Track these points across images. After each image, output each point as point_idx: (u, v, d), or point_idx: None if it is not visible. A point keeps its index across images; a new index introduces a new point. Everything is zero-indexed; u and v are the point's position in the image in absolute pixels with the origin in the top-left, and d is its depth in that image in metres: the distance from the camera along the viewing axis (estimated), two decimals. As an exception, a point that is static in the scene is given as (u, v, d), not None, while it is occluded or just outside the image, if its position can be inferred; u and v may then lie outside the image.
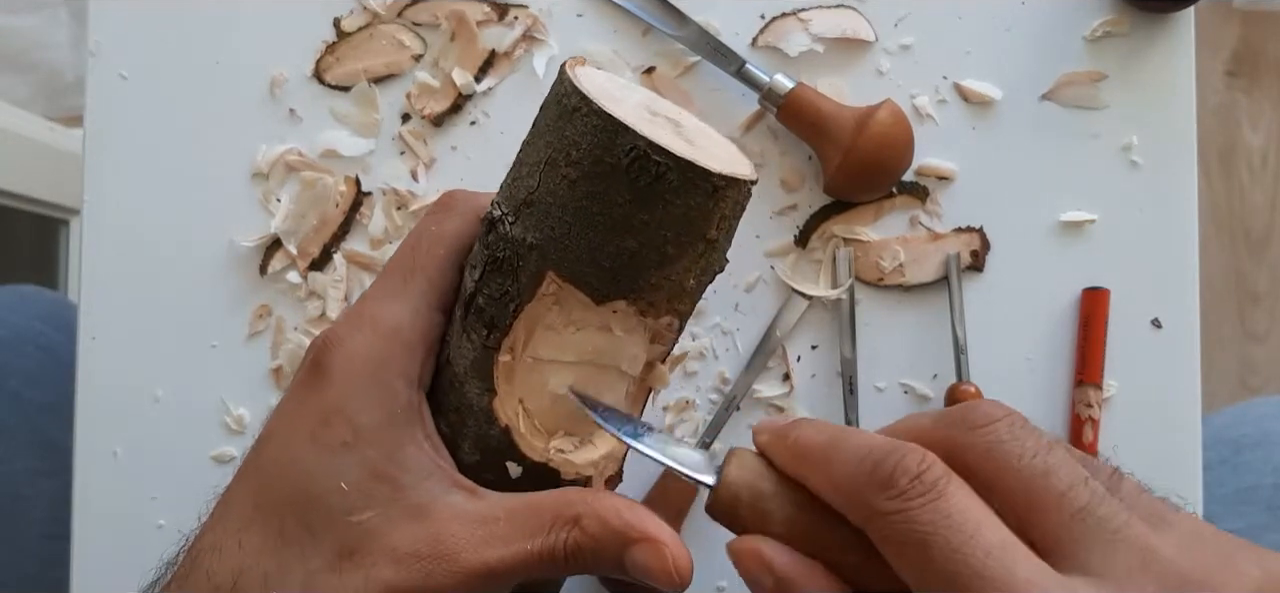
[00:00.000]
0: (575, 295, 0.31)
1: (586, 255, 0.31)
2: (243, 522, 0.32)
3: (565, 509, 0.31)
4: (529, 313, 0.32)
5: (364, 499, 0.31)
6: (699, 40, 0.53)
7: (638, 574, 0.30)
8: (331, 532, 0.31)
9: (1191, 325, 0.53)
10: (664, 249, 0.31)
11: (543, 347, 0.32)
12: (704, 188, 0.30)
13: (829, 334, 0.53)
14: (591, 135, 0.29)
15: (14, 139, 1.05)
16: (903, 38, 0.54)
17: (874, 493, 0.26)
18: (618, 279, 0.31)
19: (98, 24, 0.55)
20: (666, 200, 0.30)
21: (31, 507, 0.64)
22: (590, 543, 0.30)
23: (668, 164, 0.29)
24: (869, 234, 0.53)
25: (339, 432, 0.31)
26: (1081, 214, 0.53)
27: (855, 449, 0.28)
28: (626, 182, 0.29)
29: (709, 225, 0.31)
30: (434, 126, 0.54)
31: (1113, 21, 0.53)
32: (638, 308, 0.32)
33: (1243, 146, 1.35)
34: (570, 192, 0.30)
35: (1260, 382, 1.32)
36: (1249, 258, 1.34)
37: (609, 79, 0.32)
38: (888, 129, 0.50)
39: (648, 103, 0.32)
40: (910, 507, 0.26)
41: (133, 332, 0.54)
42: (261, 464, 0.33)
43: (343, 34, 0.55)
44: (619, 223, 0.30)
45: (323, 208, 0.54)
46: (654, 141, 0.29)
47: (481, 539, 0.31)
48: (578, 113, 0.30)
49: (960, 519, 0.25)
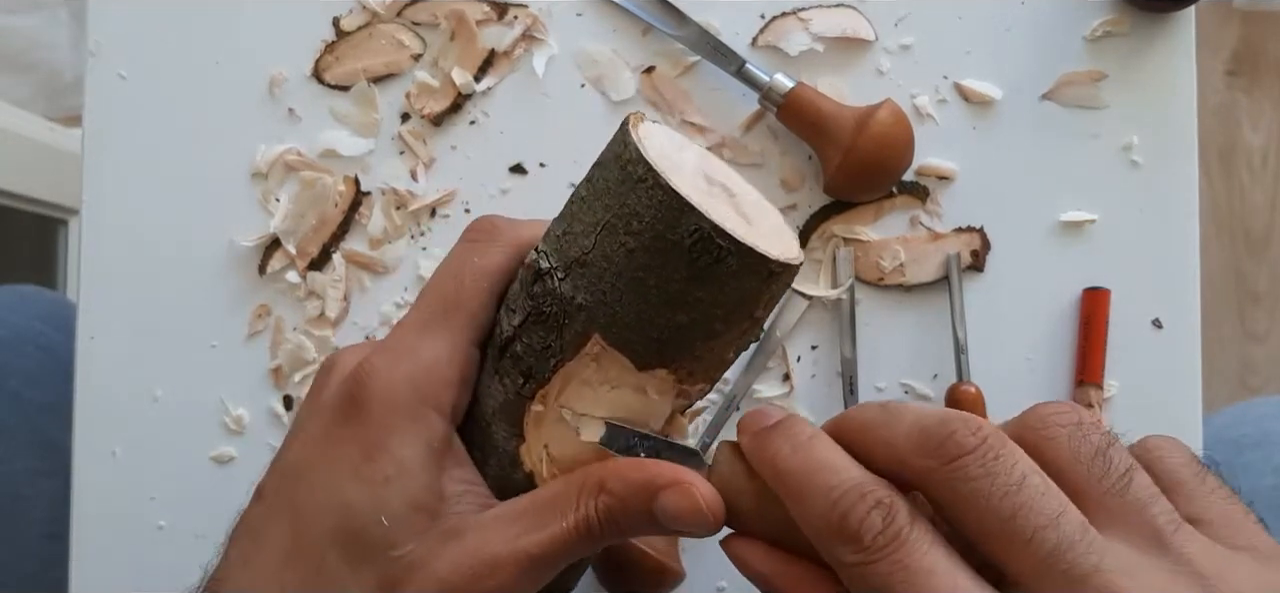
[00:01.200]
0: (618, 359, 0.31)
1: (635, 323, 0.31)
2: (281, 560, 0.32)
3: (589, 480, 0.32)
4: (567, 370, 0.32)
5: (405, 533, 0.31)
6: (699, 40, 0.53)
7: (669, 522, 0.31)
8: (373, 566, 0.31)
9: (1192, 325, 0.53)
10: (713, 325, 0.31)
11: (576, 400, 0.32)
12: (760, 272, 0.30)
13: (829, 334, 0.53)
14: (655, 209, 0.29)
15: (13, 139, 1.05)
16: (903, 37, 0.54)
17: (839, 545, 0.27)
18: (663, 349, 0.31)
19: (97, 24, 0.55)
20: (723, 282, 0.30)
21: (31, 507, 0.64)
22: (619, 504, 0.31)
23: (730, 249, 0.29)
24: (869, 234, 0.53)
25: (382, 467, 0.31)
26: (1082, 214, 0.53)
27: (824, 491, 0.28)
28: (687, 260, 0.29)
29: (758, 305, 0.31)
30: (433, 126, 0.54)
31: (1113, 21, 0.53)
32: (677, 376, 0.32)
33: (1243, 146, 1.35)
34: (627, 260, 0.30)
35: (1260, 382, 1.32)
36: (1249, 258, 1.34)
37: (666, 135, 0.32)
38: (888, 129, 0.50)
39: (703, 166, 0.32)
40: (871, 561, 0.26)
41: (132, 332, 0.54)
42: (299, 501, 0.32)
43: (342, 33, 0.55)
44: (673, 298, 0.30)
45: (322, 207, 0.54)
46: (718, 225, 0.29)
47: (516, 534, 0.31)
48: (643, 183, 0.29)
49: (914, 569, 0.26)
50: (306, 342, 0.54)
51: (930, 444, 0.27)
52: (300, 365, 0.54)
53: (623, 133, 0.31)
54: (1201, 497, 0.28)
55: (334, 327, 0.54)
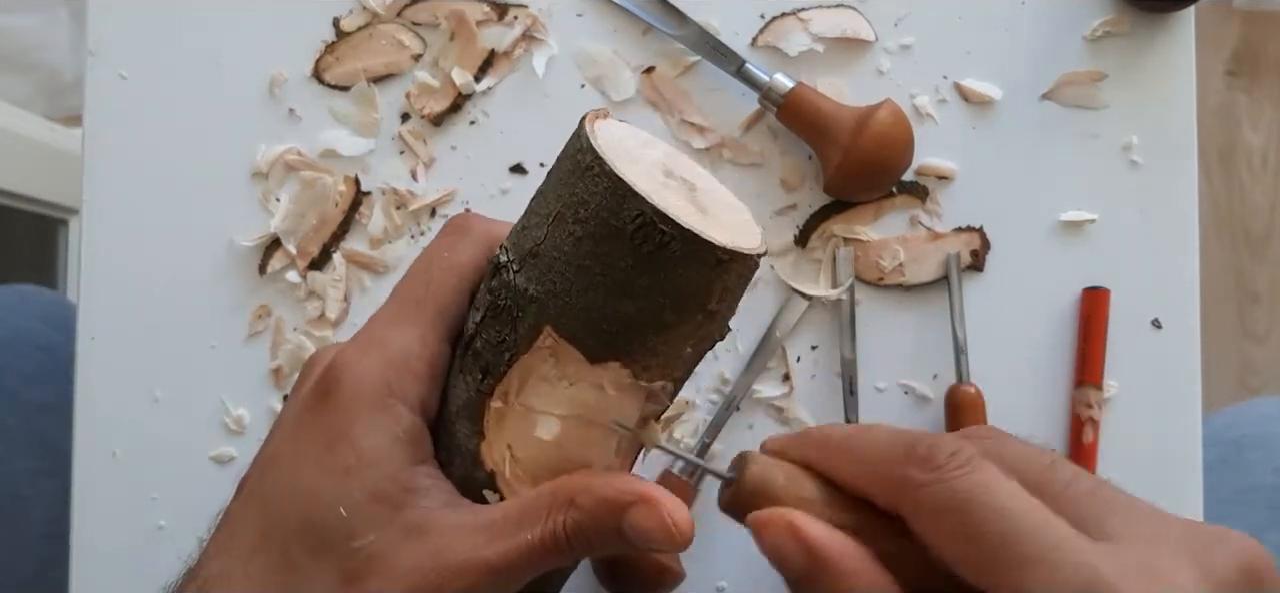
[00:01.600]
0: (570, 352, 0.31)
1: (584, 314, 0.30)
2: (250, 549, 0.32)
3: (560, 494, 0.31)
4: (524, 363, 0.32)
5: (365, 524, 0.30)
6: (699, 40, 0.53)
7: (638, 539, 0.30)
8: (334, 557, 0.30)
9: (1192, 325, 0.53)
10: (662, 316, 0.31)
11: (535, 396, 0.32)
12: (707, 260, 0.30)
13: (829, 334, 0.53)
14: (600, 196, 0.29)
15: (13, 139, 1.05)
16: (903, 37, 0.54)
17: (912, 467, 0.28)
18: (614, 341, 0.31)
19: (97, 24, 0.55)
20: (668, 269, 0.30)
21: (31, 507, 0.64)
22: (589, 520, 0.31)
23: (672, 234, 0.29)
24: (869, 234, 0.53)
25: (343, 456, 0.31)
26: (1081, 214, 0.53)
27: (886, 433, 0.29)
28: (630, 247, 0.29)
29: (710, 296, 0.31)
30: (433, 126, 0.54)
31: (1113, 21, 0.53)
32: (631, 370, 0.32)
33: (1243, 146, 1.35)
34: (574, 249, 0.30)
35: (1260, 382, 1.32)
36: (1249, 258, 1.34)
37: (631, 134, 0.32)
38: (887, 129, 0.50)
39: (666, 162, 0.32)
40: (949, 476, 0.27)
41: (132, 332, 0.54)
42: (266, 490, 0.32)
43: (342, 34, 0.55)
44: (619, 287, 0.30)
45: (322, 208, 0.54)
46: (661, 210, 0.29)
47: (481, 542, 0.31)
48: (590, 172, 0.29)
49: (997, 485, 0.27)
50: (307, 342, 0.54)
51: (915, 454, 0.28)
52: (300, 365, 0.54)
53: (578, 128, 0.31)
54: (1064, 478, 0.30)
55: (334, 327, 0.54)
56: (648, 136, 0.33)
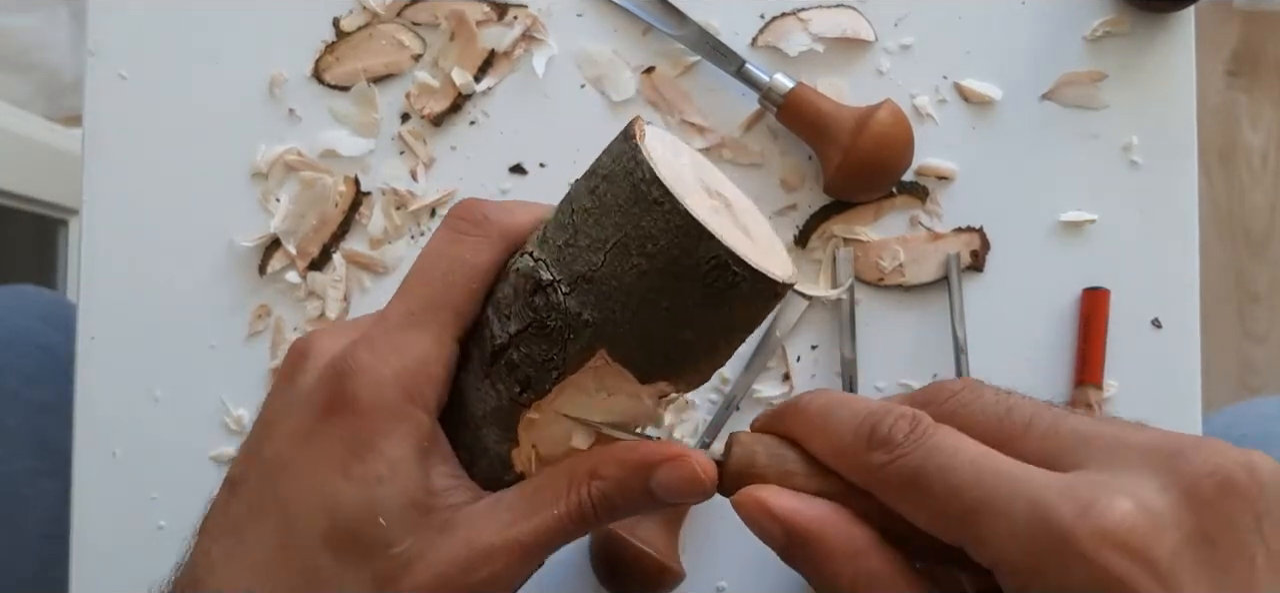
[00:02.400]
0: (620, 371, 0.32)
1: (642, 340, 0.31)
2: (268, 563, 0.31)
3: (579, 467, 0.32)
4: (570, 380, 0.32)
5: (401, 530, 0.31)
6: (699, 40, 0.53)
7: (668, 496, 0.31)
8: (370, 565, 0.31)
9: (1191, 326, 0.53)
10: (717, 343, 0.32)
11: (569, 405, 0.32)
12: (768, 294, 0.31)
13: (829, 334, 0.53)
14: (671, 234, 0.29)
15: (13, 139, 1.05)
16: (903, 37, 0.54)
17: (870, 452, 0.28)
18: (668, 364, 0.32)
19: (97, 24, 0.55)
20: (733, 304, 0.30)
21: (31, 507, 0.64)
22: (614, 487, 0.32)
23: (744, 275, 0.29)
24: (869, 234, 0.53)
25: (375, 467, 0.31)
26: (1081, 214, 0.53)
27: (850, 415, 0.29)
28: (701, 285, 0.30)
29: (760, 321, 0.33)
30: (433, 126, 0.54)
31: (1113, 21, 0.53)
32: (676, 386, 0.33)
33: (1243, 146, 1.35)
34: (639, 281, 0.30)
35: (1260, 382, 1.32)
36: (1249, 258, 1.34)
37: (664, 142, 0.32)
38: (887, 129, 0.50)
39: (700, 175, 0.32)
40: (904, 454, 0.28)
41: (132, 332, 0.54)
42: (285, 499, 0.32)
43: (342, 34, 0.55)
44: (683, 318, 0.31)
45: (322, 208, 0.54)
46: (734, 252, 0.29)
47: (508, 522, 0.32)
48: (659, 206, 0.29)
49: (943, 446, 0.27)
50: (306, 342, 0.54)
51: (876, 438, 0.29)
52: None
53: (630, 147, 0.30)
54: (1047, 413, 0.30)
55: (334, 327, 0.54)
56: (671, 138, 0.33)
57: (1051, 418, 0.28)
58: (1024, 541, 0.25)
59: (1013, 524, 0.25)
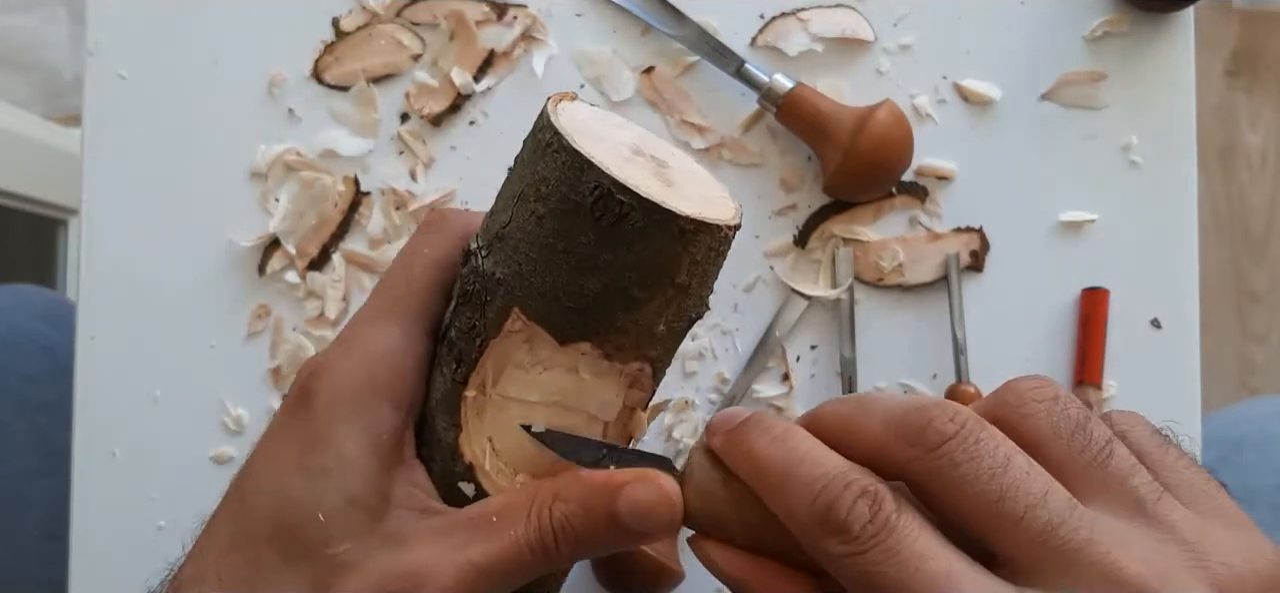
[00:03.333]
0: (541, 335, 0.30)
1: (551, 294, 0.30)
2: (222, 551, 0.31)
3: (542, 491, 0.31)
4: (497, 350, 0.31)
5: (342, 530, 0.30)
6: (698, 40, 0.53)
7: (637, 521, 0.30)
8: (308, 563, 0.30)
9: (1191, 325, 0.53)
10: (629, 292, 0.30)
11: (511, 385, 0.31)
12: (669, 231, 0.29)
13: (828, 334, 0.53)
14: (559, 171, 0.29)
15: (12, 139, 1.05)
16: (902, 37, 0.54)
17: (826, 537, 0.27)
18: (582, 321, 0.30)
19: (96, 23, 0.55)
20: (630, 242, 0.29)
21: (31, 506, 0.64)
22: (579, 512, 0.30)
23: (631, 204, 0.28)
24: (868, 234, 0.53)
25: (321, 459, 0.30)
26: (1081, 214, 0.53)
27: (806, 483, 0.27)
28: (591, 220, 0.29)
29: (677, 270, 0.30)
30: (433, 126, 0.54)
31: (1112, 21, 0.53)
32: (603, 351, 0.31)
33: (1242, 146, 1.35)
34: (537, 228, 0.30)
35: (1260, 382, 1.32)
36: (1248, 258, 1.34)
37: (599, 116, 0.32)
38: (887, 129, 0.50)
39: (637, 142, 0.31)
40: (861, 551, 0.26)
41: (131, 332, 0.54)
42: (244, 492, 0.32)
43: (341, 34, 0.55)
44: (583, 263, 0.29)
45: (321, 208, 0.54)
46: (619, 180, 0.28)
47: (459, 544, 0.30)
48: (550, 148, 0.29)
49: (906, 556, 0.25)
50: (306, 342, 0.54)
51: (910, 433, 0.27)
52: (299, 365, 0.54)
53: (542, 108, 0.30)
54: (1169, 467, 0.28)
55: (333, 327, 0.54)
56: (621, 120, 0.32)
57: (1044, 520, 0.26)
58: None
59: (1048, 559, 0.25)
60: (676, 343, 0.33)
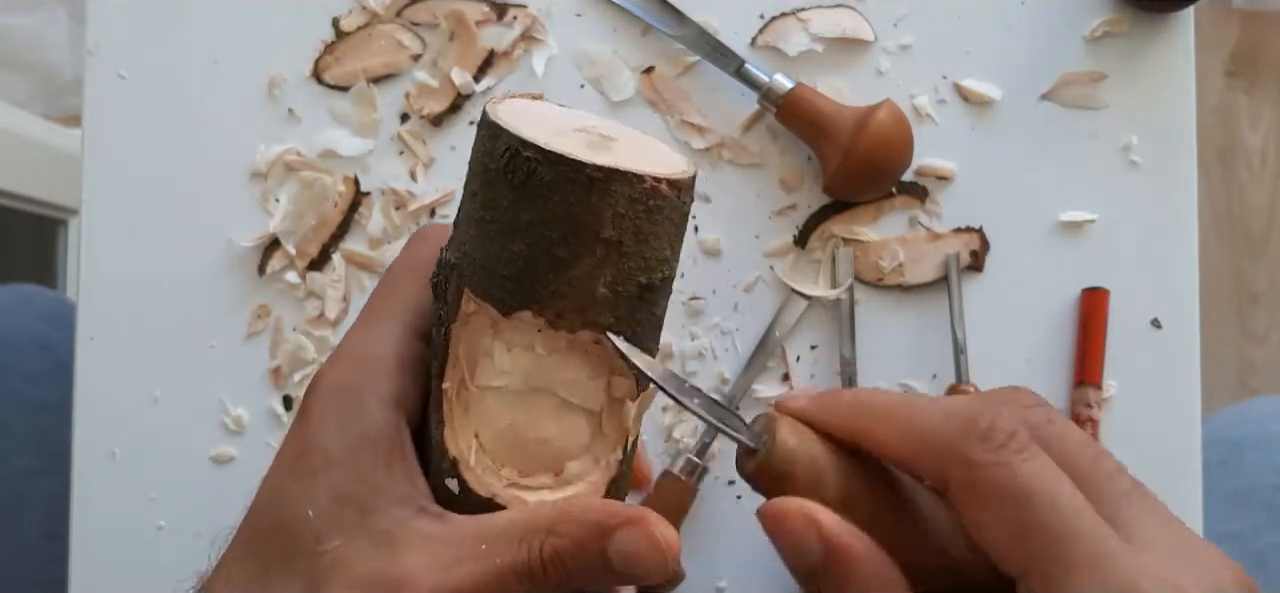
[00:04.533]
0: (487, 311, 0.31)
1: (488, 266, 0.30)
2: (234, 557, 0.32)
3: (536, 520, 0.30)
4: (465, 340, 0.31)
5: (331, 527, 0.30)
6: (698, 40, 0.53)
7: (626, 566, 0.29)
8: (302, 561, 0.30)
9: (1191, 325, 0.53)
10: (553, 251, 0.29)
11: (482, 374, 0.31)
12: (577, 181, 0.28)
13: (828, 334, 0.53)
14: (481, 143, 0.30)
15: (12, 139, 1.05)
16: (902, 37, 0.54)
17: (970, 445, 0.27)
18: (518, 287, 0.30)
19: (96, 23, 0.55)
20: (542, 197, 0.29)
21: (31, 506, 0.64)
22: (570, 546, 0.29)
23: (537, 158, 0.28)
24: (868, 234, 0.53)
25: (310, 460, 0.31)
26: (1081, 214, 0.53)
27: (939, 406, 0.28)
28: (506, 183, 0.29)
29: (599, 223, 0.29)
30: (433, 126, 0.54)
31: (1112, 21, 0.53)
32: (545, 318, 0.30)
33: (1242, 146, 1.35)
34: (471, 204, 0.31)
35: (1260, 382, 1.32)
36: (1248, 258, 1.34)
37: (558, 111, 0.32)
38: (887, 129, 0.50)
39: (590, 125, 0.31)
40: (1011, 459, 0.26)
41: (131, 332, 0.54)
42: (252, 502, 0.33)
43: (341, 34, 0.55)
44: (507, 227, 0.30)
45: (321, 208, 0.54)
46: (525, 138, 0.28)
47: (448, 561, 0.30)
48: (481, 129, 0.30)
49: (1053, 479, 0.26)
50: (306, 342, 0.54)
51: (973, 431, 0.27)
52: (300, 365, 0.54)
53: None
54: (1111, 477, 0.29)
55: (333, 327, 0.54)
56: (580, 113, 0.32)
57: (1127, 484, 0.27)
58: None
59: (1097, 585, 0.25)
60: (635, 312, 0.31)
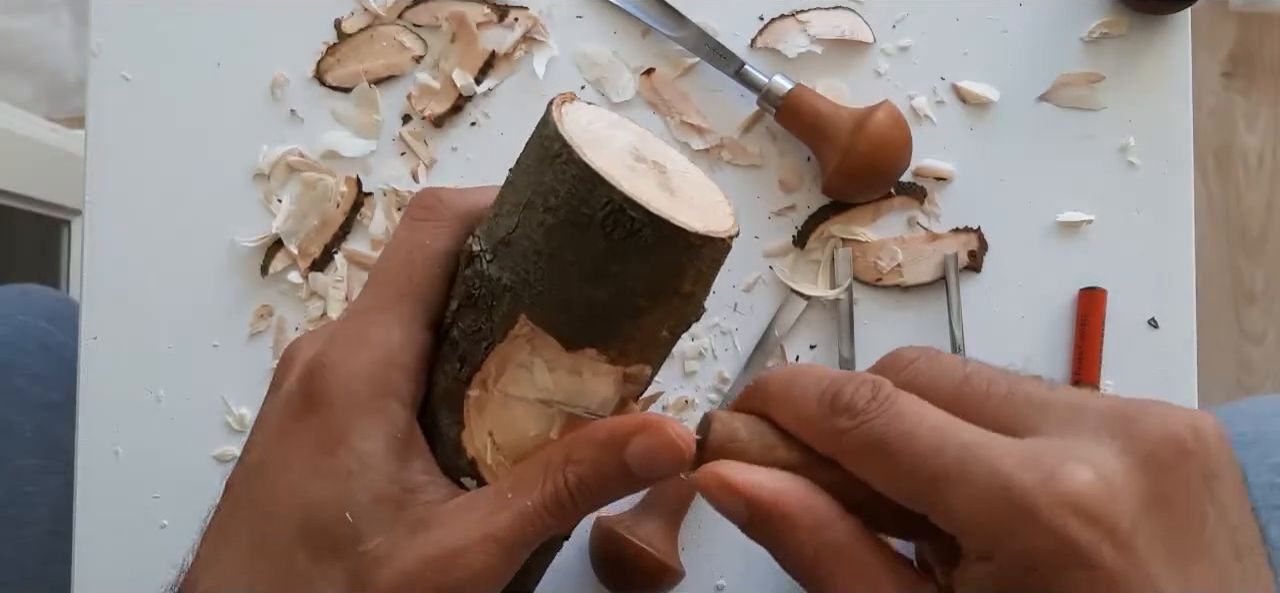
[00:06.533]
0: (547, 341, 0.31)
1: (558, 302, 0.30)
2: (247, 561, 0.31)
3: (554, 456, 0.31)
4: (500, 352, 0.32)
5: (371, 526, 0.30)
6: (698, 41, 0.53)
7: (645, 468, 0.30)
8: (341, 562, 0.30)
9: (1188, 325, 0.53)
10: (636, 302, 0.30)
11: (513, 384, 0.32)
12: (678, 245, 0.29)
13: (827, 334, 0.54)
14: (569, 184, 0.29)
15: (16, 140, 1.06)
16: (901, 39, 0.54)
17: (835, 417, 0.28)
18: (589, 328, 0.31)
19: (99, 25, 0.55)
20: (640, 255, 0.29)
21: (35, 504, 0.64)
22: (590, 470, 0.31)
23: (643, 221, 0.29)
24: (867, 234, 0.53)
25: (344, 461, 0.31)
26: (1078, 215, 0.53)
27: (814, 382, 0.29)
28: (602, 234, 0.29)
29: (683, 281, 0.31)
30: (435, 127, 0.55)
31: (1110, 23, 0.54)
32: (608, 357, 0.32)
33: (1239, 147, 1.36)
34: (546, 238, 0.30)
35: (1256, 381, 1.33)
36: (1245, 258, 1.35)
37: (599, 116, 0.32)
38: (886, 130, 0.50)
39: (636, 145, 0.32)
40: (868, 421, 0.28)
41: (134, 332, 0.54)
42: (260, 498, 0.32)
43: (343, 35, 0.55)
44: (592, 274, 0.30)
45: (324, 208, 0.54)
46: (630, 197, 0.29)
47: (482, 517, 0.31)
48: (558, 159, 0.29)
49: (909, 414, 0.28)
50: (308, 342, 0.54)
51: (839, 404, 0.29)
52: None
53: (546, 112, 0.31)
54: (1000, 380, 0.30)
55: (336, 327, 0.54)
56: (617, 118, 0.33)
57: (1008, 384, 0.28)
58: (987, 509, 0.26)
59: (975, 493, 0.26)
60: (674, 345, 0.34)
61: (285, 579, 0.31)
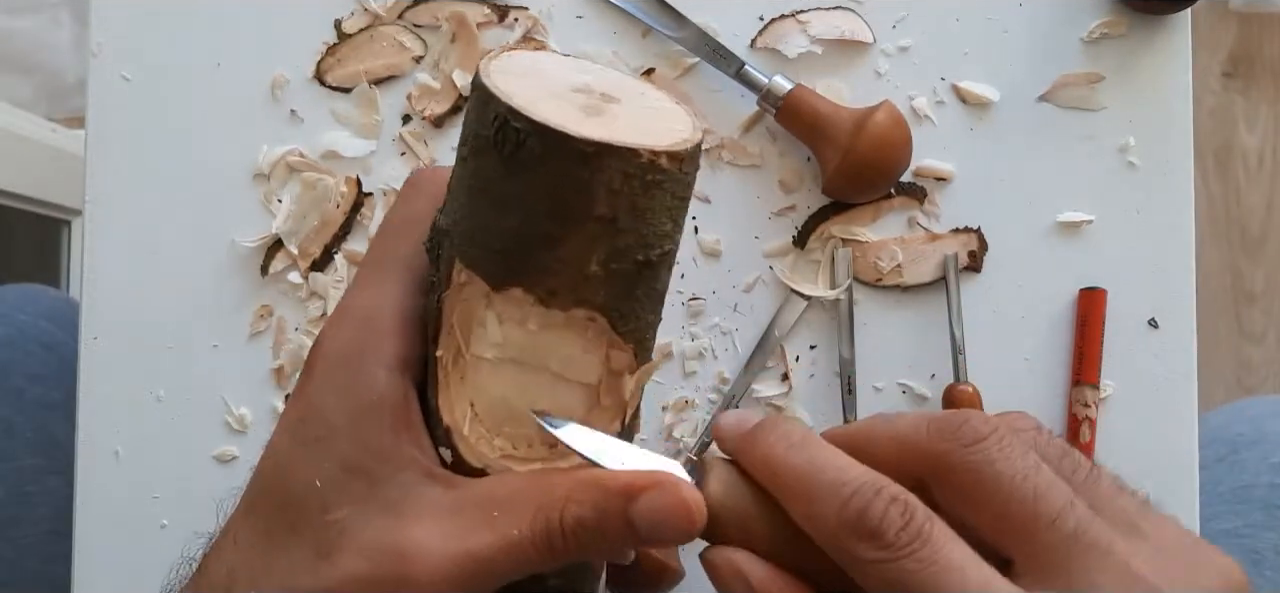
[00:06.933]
0: (478, 284, 0.30)
1: (479, 238, 0.29)
2: (237, 522, 0.32)
3: (552, 489, 0.29)
4: (459, 307, 0.30)
5: (339, 495, 0.30)
6: (698, 42, 0.53)
7: (649, 528, 0.28)
8: (309, 530, 0.30)
9: (1188, 325, 0.53)
10: (543, 227, 0.28)
11: (475, 343, 0.30)
12: (568, 155, 0.27)
13: (827, 334, 0.54)
14: (474, 109, 0.28)
15: (16, 140, 1.06)
16: (901, 39, 0.54)
17: (858, 543, 0.26)
18: (508, 263, 0.29)
19: (99, 25, 0.55)
20: (532, 170, 0.27)
21: (35, 503, 0.64)
22: (591, 513, 0.28)
23: (526, 130, 0.27)
24: (867, 235, 0.53)
25: (313, 428, 0.31)
26: (1079, 215, 0.53)
27: (833, 487, 0.27)
28: (496, 154, 0.27)
29: (591, 200, 0.27)
30: (435, 128, 0.55)
31: (1110, 23, 0.54)
32: (536, 296, 0.29)
33: (1239, 147, 1.36)
34: (463, 171, 0.29)
35: (1256, 381, 1.33)
36: (1245, 258, 1.35)
37: (561, 63, 0.30)
38: (886, 130, 0.50)
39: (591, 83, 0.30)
40: (897, 558, 0.26)
41: (135, 332, 0.54)
42: (256, 468, 0.33)
43: (343, 35, 0.55)
44: (498, 200, 0.28)
45: (324, 209, 0.54)
46: (514, 107, 0.26)
47: (459, 529, 0.29)
48: (474, 92, 0.28)
49: (945, 565, 0.25)
50: (308, 342, 0.54)
51: (947, 429, 0.27)
52: (302, 365, 0.54)
53: None
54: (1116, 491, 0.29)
55: (336, 327, 0.54)
56: (590, 66, 0.31)
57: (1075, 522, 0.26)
58: None
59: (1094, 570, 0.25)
60: (633, 289, 0.30)
61: (264, 542, 0.31)
